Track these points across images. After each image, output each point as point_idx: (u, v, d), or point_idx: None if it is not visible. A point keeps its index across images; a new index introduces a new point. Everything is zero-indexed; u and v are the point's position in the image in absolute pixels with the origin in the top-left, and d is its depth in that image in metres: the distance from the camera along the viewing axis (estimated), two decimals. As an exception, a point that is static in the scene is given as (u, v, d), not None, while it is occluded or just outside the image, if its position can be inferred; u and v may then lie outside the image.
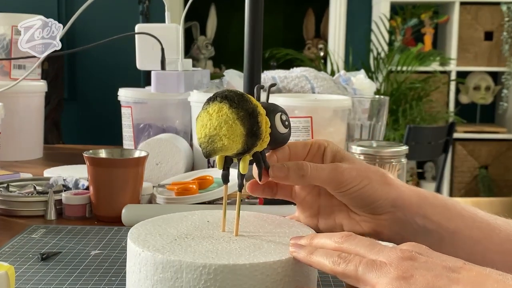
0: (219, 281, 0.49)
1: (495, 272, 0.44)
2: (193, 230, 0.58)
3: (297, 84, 1.41)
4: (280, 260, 0.50)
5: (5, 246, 0.78)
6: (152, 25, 1.23)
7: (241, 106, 0.53)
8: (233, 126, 0.52)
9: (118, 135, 1.44)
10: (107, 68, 3.86)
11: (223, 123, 0.52)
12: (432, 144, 2.75)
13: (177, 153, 1.15)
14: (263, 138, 0.55)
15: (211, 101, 0.54)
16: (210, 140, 0.53)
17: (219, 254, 0.51)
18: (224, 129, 0.52)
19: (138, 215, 0.89)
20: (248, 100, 0.53)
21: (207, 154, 0.54)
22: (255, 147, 0.55)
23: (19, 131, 1.42)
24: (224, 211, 0.58)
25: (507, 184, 3.85)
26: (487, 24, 3.82)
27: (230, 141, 0.52)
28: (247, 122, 0.53)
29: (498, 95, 3.95)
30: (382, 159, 0.93)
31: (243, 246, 0.54)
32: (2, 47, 1.44)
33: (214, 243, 0.54)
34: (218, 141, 0.52)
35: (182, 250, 0.52)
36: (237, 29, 4.47)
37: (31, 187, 1.00)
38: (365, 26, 3.93)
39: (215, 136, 0.53)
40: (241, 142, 0.53)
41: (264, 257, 0.50)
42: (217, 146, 0.53)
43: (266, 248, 0.53)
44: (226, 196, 0.59)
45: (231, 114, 0.52)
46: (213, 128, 0.53)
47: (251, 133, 0.53)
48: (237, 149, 0.54)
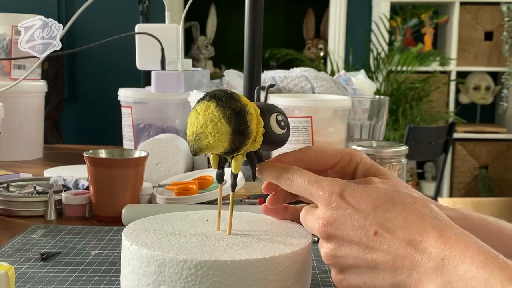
0: (199, 277, 0.49)
1: (406, 238, 0.48)
2: (189, 227, 0.58)
3: (297, 84, 1.41)
4: (263, 258, 0.50)
5: (5, 246, 0.78)
6: (152, 25, 1.23)
7: (228, 105, 0.53)
8: (218, 124, 0.52)
9: (118, 135, 1.44)
10: (107, 68, 3.86)
11: (209, 121, 0.52)
12: (432, 144, 2.75)
13: (177, 153, 1.15)
14: (253, 137, 0.54)
15: (200, 100, 0.54)
16: (197, 138, 0.53)
17: (204, 251, 0.51)
18: (210, 127, 0.52)
19: (138, 215, 0.89)
20: (236, 99, 0.53)
21: (194, 152, 0.54)
22: (244, 146, 0.54)
23: (19, 131, 1.42)
24: (219, 211, 0.58)
25: (507, 184, 3.85)
26: (487, 24, 3.82)
27: (215, 139, 0.52)
28: (234, 120, 0.52)
29: (498, 95, 3.95)
30: (382, 159, 0.93)
31: (231, 243, 0.54)
32: (2, 47, 1.44)
33: (204, 240, 0.54)
34: (204, 139, 0.53)
35: (169, 246, 0.52)
36: (237, 29, 4.47)
37: (31, 187, 1.00)
38: (365, 26, 3.93)
39: (201, 134, 0.53)
40: (227, 140, 0.53)
41: (247, 255, 0.51)
42: (203, 144, 0.53)
43: (254, 247, 0.53)
44: (221, 195, 0.59)
45: (217, 113, 0.52)
46: (199, 126, 0.53)
47: (237, 131, 0.53)
48: (224, 148, 0.53)
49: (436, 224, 0.48)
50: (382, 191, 0.51)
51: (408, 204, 0.50)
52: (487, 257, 0.44)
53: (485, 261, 0.43)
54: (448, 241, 0.46)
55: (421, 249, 0.47)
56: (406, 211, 0.50)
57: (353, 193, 0.51)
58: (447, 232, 0.47)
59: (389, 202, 0.50)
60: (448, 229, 0.48)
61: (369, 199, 0.51)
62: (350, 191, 0.52)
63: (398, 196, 0.51)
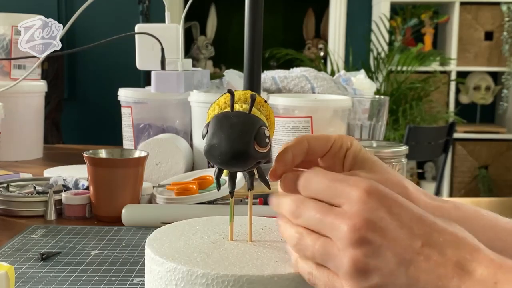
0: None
1: (456, 256, 0.43)
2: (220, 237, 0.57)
3: (297, 84, 1.41)
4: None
5: (5, 246, 0.78)
6: (152, 25, 1.23)
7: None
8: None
9: (118, 135, 1.44)
10: (107, 68, 3.86)
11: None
12: (432, 144, 2.75)
13: (177, 153, 1.15)
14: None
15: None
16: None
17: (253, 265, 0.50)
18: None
19: (138, 215, 0.89)
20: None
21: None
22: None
23: (19, 131, 1.42)
24: (232, 219, 0.56)
25: (507, 184, 3.85)
26: (487, 24, 3.82)
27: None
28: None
29: (498, 95, 3.95)
30: (382, 159, 0.92)
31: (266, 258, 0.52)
32: (2, 47, 1.44)
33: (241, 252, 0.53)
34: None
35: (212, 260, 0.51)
36: (237, 29, 4.47)
37: (31, 187, 1.00)
38: (365, 26, 3.93)
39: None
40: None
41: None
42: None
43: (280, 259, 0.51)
44: (232, 207, 0.56)
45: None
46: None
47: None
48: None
49: (482, 246, 0.44)
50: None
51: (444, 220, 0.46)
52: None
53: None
54: (502, 265, 0.42)
55: (470, 270, 0.42)
56: (451, 225, 0.45)
57: (393, 195, 0.45)
58: (495, 255, 0.43)
59: (429, 214, 0.45)
60: (492, 252, 0.44)
61: (412, 206, 0.45)
62: (391, 192, 0.45)
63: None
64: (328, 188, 0.46)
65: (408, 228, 0.43)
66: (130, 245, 0.80)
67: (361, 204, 0.44)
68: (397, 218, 0.44)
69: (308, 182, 0.48)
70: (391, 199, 0.45)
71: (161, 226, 0.59)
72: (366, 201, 0.44)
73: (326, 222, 0.45)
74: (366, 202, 0.44)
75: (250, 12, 1.07)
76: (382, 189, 0.45)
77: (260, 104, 0.54)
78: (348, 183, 0.46)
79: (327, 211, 0.45)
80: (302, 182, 0.49)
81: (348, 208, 0.44)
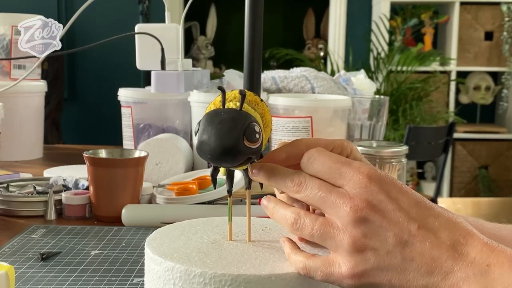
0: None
1: (450, 239, 0.45)
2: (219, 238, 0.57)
3: (297, 84, 1.41)
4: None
5: (5, 246, 0.78)
6: (152, 25, 1.23)
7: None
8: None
9: (118, 135, 1.44)
10: (107, 68, 3.86)
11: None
12: (432, 144, 2.75)
13: (177, 153, 1.15)
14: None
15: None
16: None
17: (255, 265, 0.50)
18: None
19: (138, 215, 0.89)
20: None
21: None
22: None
23: (19, 131, 1.42)
24: (230, 219, 0.56)
25: (507, 184, 3.85)
26: (487, 24, 3.82)
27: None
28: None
29: (498, 95, 3.95)
30: (382, 159, 0.93)
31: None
32: (2, 47, 1.44)
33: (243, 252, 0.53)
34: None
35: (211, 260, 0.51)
36: (237, 29, 4.47)
37: (31, 187, 1.00)
38: (365, 26, 3.93)
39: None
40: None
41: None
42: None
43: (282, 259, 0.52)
44: (231, 207, 0.56)
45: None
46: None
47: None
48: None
49: (476, 231, 0.46)
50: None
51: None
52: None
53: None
54: (494, 249, 0.44)
55: (464, 253, 0.44)
56: (448, 212, 0.47)
57: (392, 180, 0.47)
58: (488, 240, 0.45)
59: (427, 200, 0.47)
60: (485, 237, 0.46)
61: (410, 192, 0.47)
62: (390, 178, 0.47)
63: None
64: (331, 168, 0.48)
65: (406, 211, 0.46)
66: (130, 245, 0.80)
67: (362, 187, 0.46)
68: (396, 201, 0.46)
69: (312, 161, 0.49)
70: (390, 184, 0.47)
71: (161, 226, 0.59)
72: (367, 184, 0.46)
73: (328, 200, 0.47)
74: (367, 186, 0.46)
75: (250, 12, 1.07)
76: (383, 175, 0.47)
77: (255, 103, 0.54)
78: (350, 166, 0.48)
79: (330, 190, 0.47)
80: (306, 160, 0.50)
81: (350, 189, 0.47)
